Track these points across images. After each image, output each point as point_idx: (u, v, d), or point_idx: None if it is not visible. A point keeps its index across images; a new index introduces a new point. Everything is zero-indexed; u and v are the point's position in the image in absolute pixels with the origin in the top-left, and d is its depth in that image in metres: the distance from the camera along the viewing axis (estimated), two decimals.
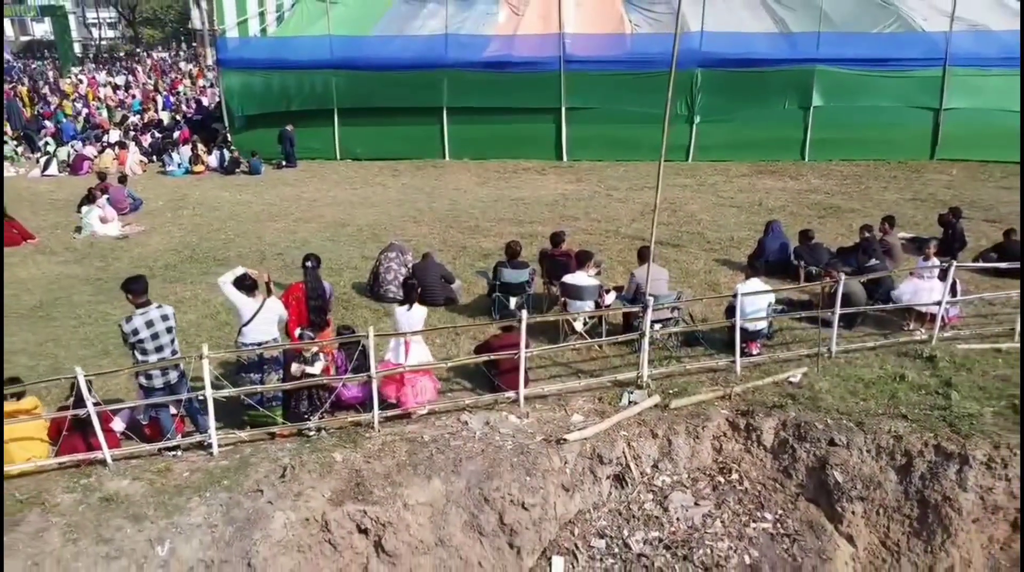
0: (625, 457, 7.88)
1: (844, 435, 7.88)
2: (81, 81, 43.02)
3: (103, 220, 15.56)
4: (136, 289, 6.98)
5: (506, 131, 22.18)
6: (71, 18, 68.49)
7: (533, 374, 8.87)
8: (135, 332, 6.90)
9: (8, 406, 7.16)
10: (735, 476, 7.97)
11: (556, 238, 10.98)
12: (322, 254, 10.22)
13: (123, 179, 18.05)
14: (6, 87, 33.01)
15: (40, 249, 14.78)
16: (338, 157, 22.84)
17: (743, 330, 8.98)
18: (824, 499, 7.85)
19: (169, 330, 7.05)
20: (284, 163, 22.12)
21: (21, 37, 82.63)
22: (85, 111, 31.46)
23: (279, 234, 15.28)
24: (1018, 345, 9.56)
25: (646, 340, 8.61)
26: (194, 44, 64.03)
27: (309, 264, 8.61)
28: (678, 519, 7.55)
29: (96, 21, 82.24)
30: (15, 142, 24.77)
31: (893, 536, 7.80)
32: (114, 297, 11.86)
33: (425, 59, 22.24)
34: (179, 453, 7.43)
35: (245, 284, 7.59)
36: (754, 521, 7.65)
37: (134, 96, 37.32)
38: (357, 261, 13.17)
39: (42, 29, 78.79)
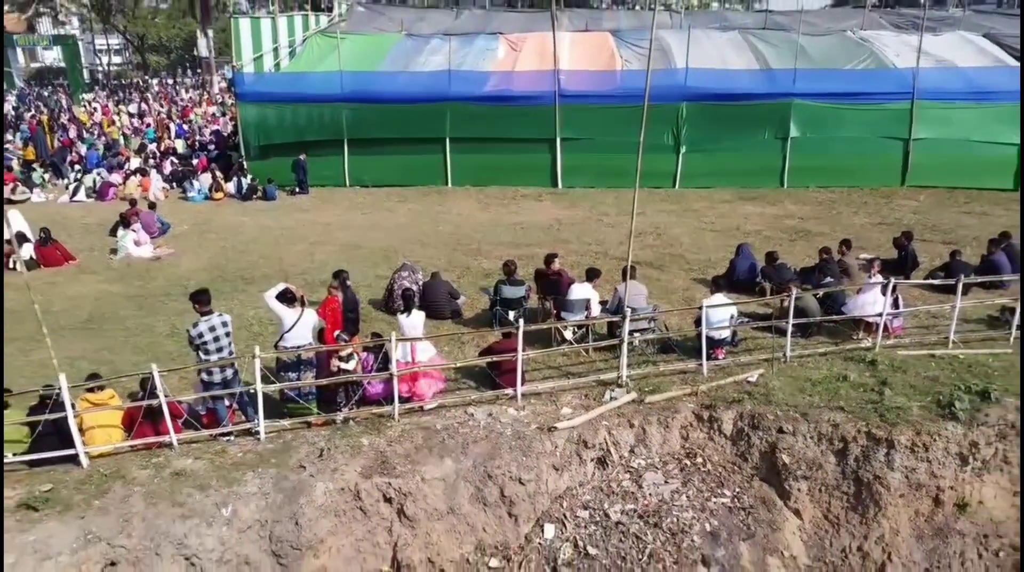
0: (606, 443, 9.32)
1: (791, 424, 9.34)
2: (95, 109, 44.73)
3: (137, 243, 17.05)
4: (202, 300, 8.47)
5: (505, 160, 23.72)
6: (79, 45, 70.34)
7: (529, 375, 10.31)
8: (200, 336, 8.37)
9: (91, 397, 8.60)
10: (699, 459, 9.40)
11: (549, 259, 12.48)
12: (349, 268, 11.71)
13: (152, 206, 19.56)
14: (28, 118, 34.60)
15: (82, 269, 16.27)
16: (348, 184, 24.34)
17: (709, 338, 10.46)
18: (775, 478, 9.29)
19: (227, 335, 8.54)
20: (298, 190, 23.65)
21: (31, 63, 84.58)
22: (102, 139, 33.09)
23: (299, 256, 16.77)
24: (951, 352, 11.04)
25: (625, 346, 10.08)
26: (199, 71, 65.82)
27: (348, 282, 10.11)
28: (650, 494, 8.97)
29: (104, 47, 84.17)
30: (43, 170, 26.32)
31: (833, 510, 9.22)
32: (155, 312, 13.40)
33: (430, 93, 23.83)
34: (232, 438, 8.86)
35: (287, 297, 9.07)
36: (715, 496, 9.07)
37: (148, 125, 38.94)
38: (371, 279, 14.63)
39: (51, 56, 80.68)
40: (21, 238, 16.25)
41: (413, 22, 33.44)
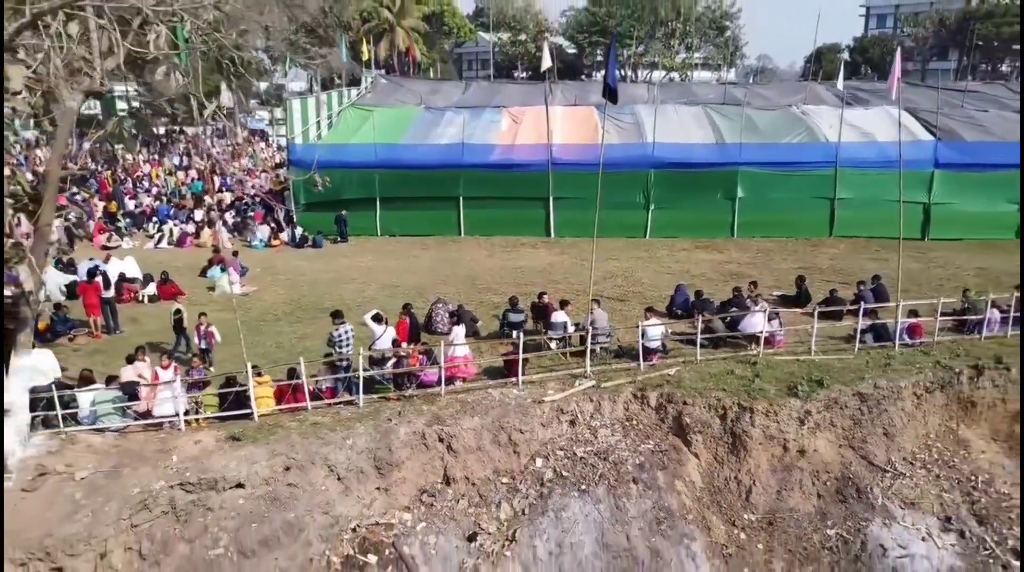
0: (575, 411, 14.69)
1: (692, 399, 14.72)
2: (144, 163, 50.45)
3: (231, 282, 22.48)
4: (338, 315, 13.92)
5: (508, 215, 29.31)
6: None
7: (526, 369, 15.64)
8: (338, 337, 13.87)
9: (258, 380, 13.95)
10: (634, 421, 14.77)
11: (540, 295, 17.97)
12: (384, 306, 17.16)
13: (235, 253, 25.03)
14: (103, 175, 40.22)
15: (191, 302, 21.66)
16: (379, 234, 29.90)
17: (644, 347, 15.88)
18: (681, 433, 14.65)
19: (350, 340, 13.94)
20: (339, 239, 29.18)
21: None
22: (154, 189, 38.65)
23: (352, 292, 22.18)
24: (811, 357, 16.44)
25: (589, 352, 15.49)
26: (216, 118, 71.74)
27: (412, 311, 15.57)
28: (602, 441, 14.31)
29: (123, 94, 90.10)
30: (127, 219, 31.86)
31: (719, 453, 14.57)
32: (259, 332, 18.74)
33: (446, 161, 29.56)
34: (340, 407, 14.21)
35: (378, 318, 14.51)
36: (643, 443, 14.42)
37: (192, 179, 44.59)
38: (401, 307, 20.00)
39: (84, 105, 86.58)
40: (148, 278, 21.77)
41: (428, 94, 39.38)
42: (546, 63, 27.43)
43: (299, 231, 29.15)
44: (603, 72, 78.39)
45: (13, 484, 11.73)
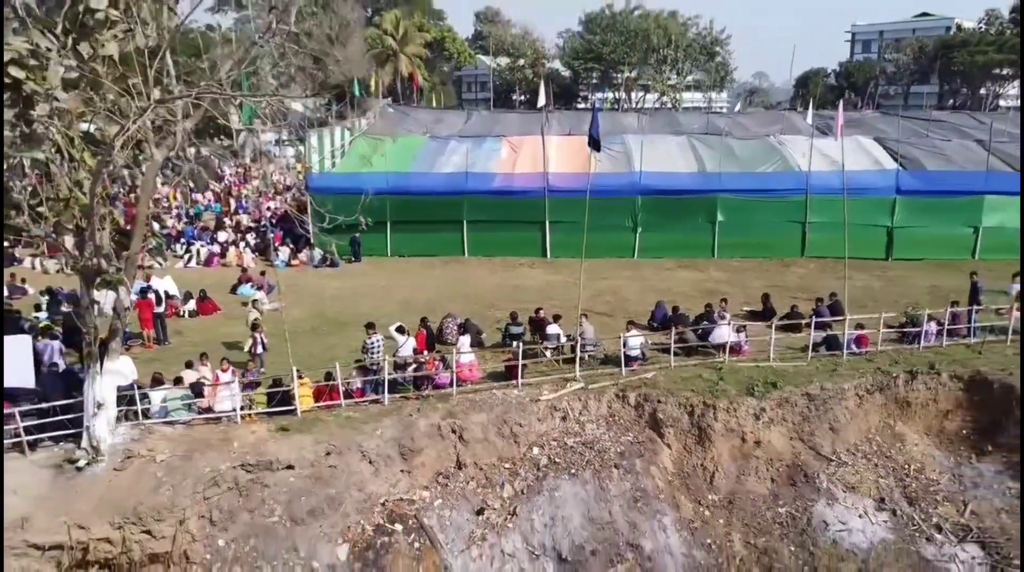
0: (566, 408, 17.38)
1: (665, 398, 17.41)
2: (161, 185, 53.19)
3: (262, 300, 25.15)
4: (371, 326, 16.62)
5: (507, 237, 32.06)
6: None
7: (524, 374, 18.31)
8: (370, 345, 16.54)
9: (301, 381, 16.61)
10: (616, 417, 17.45)
11: (537, 310, 20.69)
12: (400, 319, 19.81)
13: (263, 272, 27.73)
14: (123, 198, 42.85)
15: (227, 316, 24.36)
16: (389, 255, 32.61)
17: (626, 355, 18.57)
18: (656, 427, 17.33)
19: (380, 347, 16.63)
20: (353, 259, 31.89)
21: None
22: (176, 212, 41.36)
23: (370, 307, 24.81)
24: (770, 364, 19.14)
25: (578, 359, 18.19)
26: (222, 137, 74.66)
27: (429, 324, 18.29)
28: (588, 434, 16.99)
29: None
30: (156, 241, 34.53)
31: (687, 444, 17.25)
32: (293, 341, 21.35)
33: (451, 188, 32.34)
34: (368, 404, 16.88)
35: (401, 329, 17.21)
36: (623, 435, 17.10)
37: (209, 201, 47.34)
38: (419, 321, 22.68)
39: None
40: (187, 296, 24.47)
41: (433, 123, 42.28)
42: (542, 101, 30.23)
43: (317, 252, 31.86)
44: (597, 94, 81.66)
45: (105, 465, 14.40)
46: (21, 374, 14.78)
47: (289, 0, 13.73)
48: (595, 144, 20.13)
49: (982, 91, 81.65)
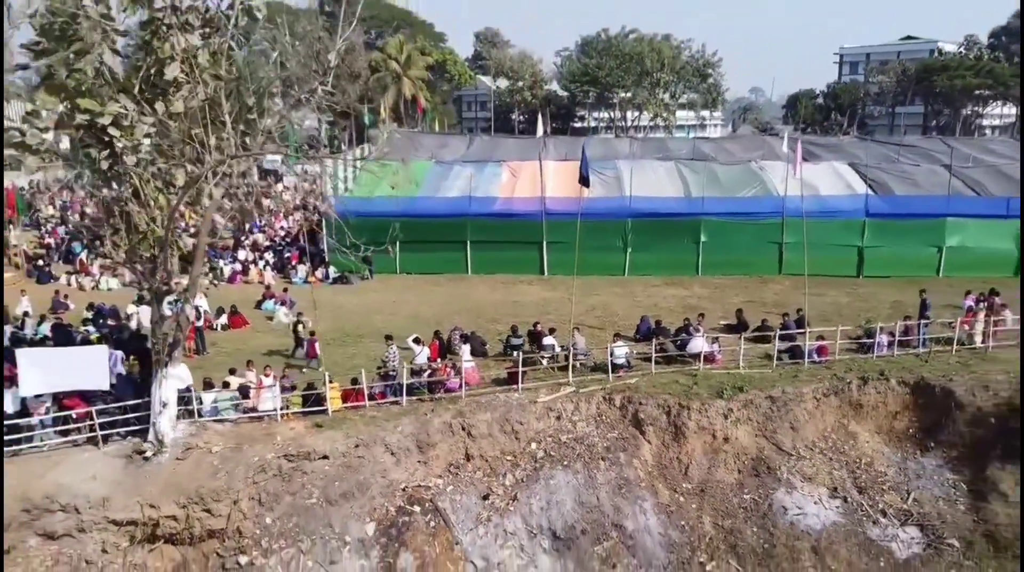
0: (560, 409, 20.02)
1: (646, 400, 20.06)
2: None
3: (286, 314, 27.80)
4: (389, 338, 19.31)
5: (508, 256, 34.78)
6: None
7: (524, 380, 20.94)
8: (390, 355, 19.16)
9: (331, 384, 19.22)
10: (603, 417, 20.09)
11: (535, 324, 23.37)
12: (411, 331, 22.47)
13: (285, 289, 30.37)
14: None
15: (255, 329, 26.99)
16: (398, 272, 35.28)
17: (613, 364, 21.23)
18: (638, 425, 19.97)
19: (396, 357, 19.27)
20: (364, 277, 34.55)
21: None
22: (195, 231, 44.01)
23: (383, 320, 27.47)
24: (739, 371, 21.79)
25: (571, 367, 20.85)
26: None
27: (442, 335, 20.96)
28: (579, 431, 19.62)
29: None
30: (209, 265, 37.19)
31: (665, 439, 19.88)
32: (322, 351, 23.99)
33: (455, 211, 35.08)
34: (389, 405, 19.50)
35: (417, 340, 19.88)
36: (610, 432, 19.73)
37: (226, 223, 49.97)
38: (430, 334, 25.32)
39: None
40: (220, 311, 27.11)
41: (438, 148, 45.00)
42: (540, 131, 32.98)
43: (332, 270, 34.54)
44: (594, 113, 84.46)
45: (169, 456, 17.03)
46: (98, 378, 17.39)
47: (329, 65, 16.45)
48: (585, 181, 22.84)
49: (966, 111, 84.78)
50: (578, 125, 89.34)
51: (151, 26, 15.74)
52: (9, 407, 17.20)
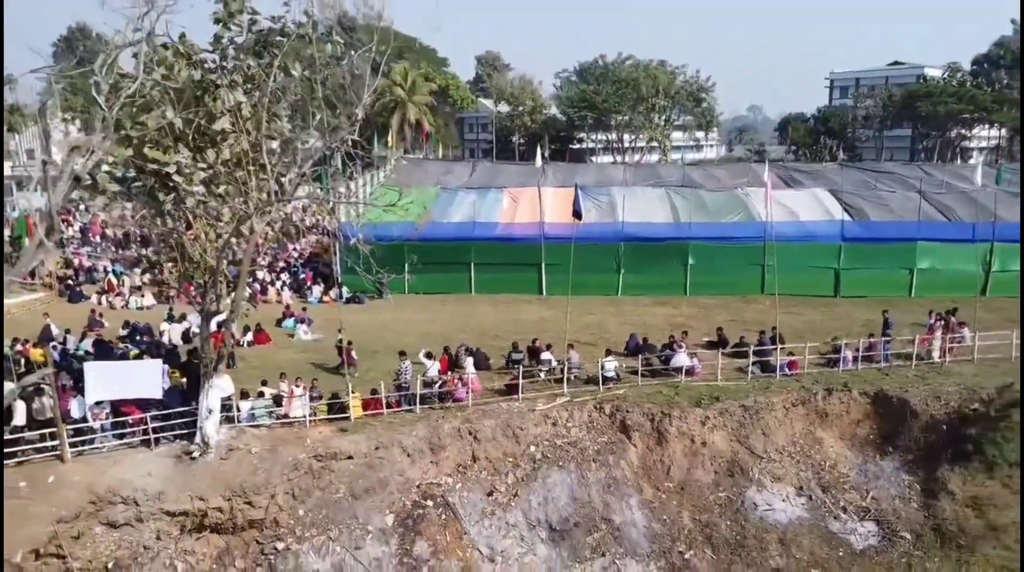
0: (556, 416, 22.51)
1: (633, 408, 22.56)
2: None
3: (305, 331, 30.31)
4: (403, 354, 21.83)
5: (509, 278, 37.34)
6: None
7: (523, 390, 23.42)
8: (403, 368, 21.68)
9: (354, 395, 21.72)
10: (594, 423, 22.58)
11: (534, 341, 25.90)
12: (421, 347, 24.98)
13: (304, 308, 32.91)
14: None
15: (278, 346, 29.48)
16: (407, 292, 37.75)
17: (604, 376, 23.75)
18: (625, 431, 22.46)
19: (409, 371, 21.80)
20: (376, 297, 37.06)
21: None
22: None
23: (396, 337, 29.94)
24: (717, 383, 24.29)
25: (566, 380, 23.37)
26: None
27: (451, 351, 23.49)
28: (573, 436, 22.09)
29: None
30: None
31: (649, 444, 22.37)
32: (332, 365, 26.48)
33: (460, 235, 37.70)
34: (404, 413, 21.99)
35: (429, 354, 22.41)
36: (600, 437, 22.21)
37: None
38: (439, 349, 27.79)
39: None
40: (246, 329, 29.64)
41: (443, 174, 47.78)
42: (539, 162, 35.64)
43: (345, 290, 37.09)
44: (591, 134, 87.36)
45: (213, 456, 19.51)
46: (152, 388, 19.90)
47: (356, 117, 19.09)
48: (578, 215, 25.52)
49: (951, 135, 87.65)
50: (576, 147, 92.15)
51: (202, 85, 18.40)
52: (76, 413, 19.72)
